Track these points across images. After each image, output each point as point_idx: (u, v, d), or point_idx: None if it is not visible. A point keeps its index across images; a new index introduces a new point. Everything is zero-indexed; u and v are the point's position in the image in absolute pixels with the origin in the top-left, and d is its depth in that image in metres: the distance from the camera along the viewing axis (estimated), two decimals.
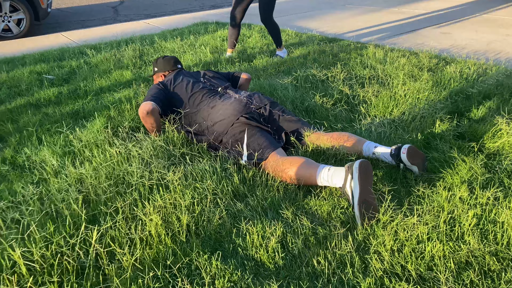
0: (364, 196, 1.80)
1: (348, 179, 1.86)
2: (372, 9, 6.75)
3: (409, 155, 2.08)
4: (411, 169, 2.14)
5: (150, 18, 6.81)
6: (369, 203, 1.79)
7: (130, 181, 2.02)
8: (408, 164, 2.10)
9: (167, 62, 2.96)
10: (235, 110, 2.38)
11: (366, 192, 1.81)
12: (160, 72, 2.95)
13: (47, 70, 3.97)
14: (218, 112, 2.43)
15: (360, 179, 1.82)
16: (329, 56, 4.03)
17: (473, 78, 3.28)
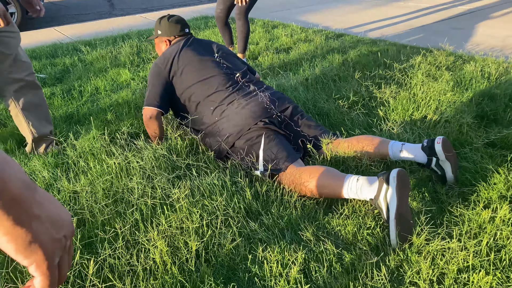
0: (401, 210, 1.58)
1: (383, 189, 1.62)
2: (377, 3, 6.52)
3: (444, 146, 1.86)
4: (444, 166, 1.89)
5: (147, 12, 6.56)
6: (406, 219, 1.58)
7: (130, 200, 1.80)
8: (442, 158, 1.86)
9: (173, 25, 2.48)
10: (255, 114, 2.09)
11: (404, 206, 1.59)
12: (164, 36, 2.50)
13: (39, 68, 3.73)
14: (236, 112, 2.12)
15: (398, 189, 1.59)
16: (339, 53, 3.81)
17: (496, 77, 3.08)
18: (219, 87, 2.21)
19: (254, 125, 2.06)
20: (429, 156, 1.90)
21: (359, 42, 4.18)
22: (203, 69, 2.27)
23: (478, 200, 1.87)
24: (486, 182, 1.96)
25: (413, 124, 2.49)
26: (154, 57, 3.89)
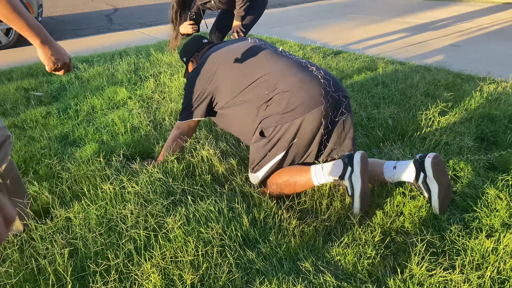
0: (364, 189, 1.81)
1: (348, 171, 1.82)
2: (375, 19, 6.54)
3: (434, 163, 1.77)
4: (430, 187, 1.81)
5: (145, 27, 6.56)
6: (367, 195, 1.82)
7: (124, 229, 1.76)
8: (429, 176, 1.78)
9: (190, 44, 2.42)
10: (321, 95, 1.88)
11: (365, 185, 1.81)
12: (189, 57, 2.42)
13: (35, 86, 3.70)
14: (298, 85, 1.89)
15: (361, 171, 1.79)
16: (337, 71, 3.79)
17: (495, 97, 3.06)
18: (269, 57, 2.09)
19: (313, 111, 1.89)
20: (417, 170, 1.83)
21: (357, 60, 4.17)
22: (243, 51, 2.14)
23: (480, 227, 1.83)
24: (487, 208, 1.92)
25: (412, 146, 2.46)
26: (152, 75, 3.87)
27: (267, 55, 2.07)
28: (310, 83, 1.91)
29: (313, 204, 1.99)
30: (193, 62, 2.39)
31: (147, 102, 3.25)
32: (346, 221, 1.88)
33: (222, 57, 2.12)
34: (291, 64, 2.01)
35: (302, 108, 1.87)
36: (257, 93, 1.97)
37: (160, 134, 2.68)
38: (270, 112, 1.93)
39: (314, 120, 1.88)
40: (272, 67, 1.99)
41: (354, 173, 1.81)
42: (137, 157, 2.39)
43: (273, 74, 1.96)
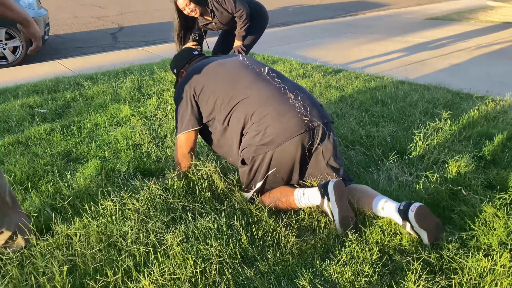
0: (343, 214, 1.87)
1: (325, 200, 1.91)
2: (376, 38, 6.63)
3: (417, 215, 1.76)
4: (419, 234, 1.82)
5: (150, 46, 6.67)
6: (347, 217, 1.88)
7: (123, 245, 1.77)
8: (415, 226, 1.78)
9: (180, 56, 2.50)
10: (296, 126, 1.94)
11: (344, 210, 1.87)
12: (179, 68, 2.47)
13: (40, 103, 3.76)
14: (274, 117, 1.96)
15: (337, 200, 1.87)
16: (337, 89, 3.84)
17: (493, 116, 3.09)
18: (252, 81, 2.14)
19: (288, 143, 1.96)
20: (403, 220, 1.82)
21: (357, 78, 4.22)
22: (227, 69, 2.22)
23: (477, 246, 1.84)
24: (485, 227, 1.93)
25: (411, 164, 2.48)
26: (155, 93, 3.92)
27: (250, 78, 2.12)
28: (286, 115, 1.96)
29: (312, 221, 2.01)
30: (183, 73, 2.45)
31: (149, 120, 3.30)
32: (344, 238, 1.89)
33: (210, 70, 2.20)
34: (270, 91, 2.05)
35: (276, 140, 1.95)
36: (237, 118, 2.06)
37: (162, 151, 2.72)
38: (248, 142, 2.02)
39: (288, 151, 1.96)
40: (252, 92, 2.05)
41: (331, 202, 1.90)
42: (138, 174, 2.42)
43: (252, 101, 2.03)
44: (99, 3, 11.62)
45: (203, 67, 2.23)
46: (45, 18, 6.08)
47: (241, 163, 2.09)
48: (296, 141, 1.94)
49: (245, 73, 2.15)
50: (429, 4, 11.36)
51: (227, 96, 2.08)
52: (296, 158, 1.99)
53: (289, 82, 2.16)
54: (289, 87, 2.11)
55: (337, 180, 1.91)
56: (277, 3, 11.51)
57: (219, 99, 2.10)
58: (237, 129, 2.07)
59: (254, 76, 2.13)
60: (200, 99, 2.16)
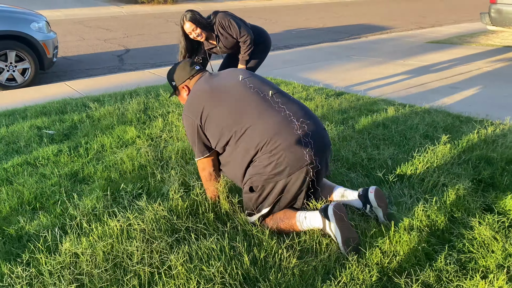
0: (345, 236, 1.96)
1: (327, 223, 2.02)
2: (378, 61, 6.74)
3: (376, 195, 2.16)
4: (376, 212, 2.19)
5: (156, 68, 6.80)
6: (351, 238, 1.97)
7: (129, 265, 1.82)
8: (374, 205, 2.17)
9: (182, 69, 2.45)
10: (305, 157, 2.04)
11: (346, 231, 1.97)
12: (180, 82, 2.45)
13: (48, 125, 3.85)
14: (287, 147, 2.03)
15: (338, 222, 1.97)
16: (339, 112, 3.92)
17: (492, 139, 3.14)
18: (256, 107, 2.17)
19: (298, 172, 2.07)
20: (364, 203, 2.20)
21: (359, 101, 4.30)
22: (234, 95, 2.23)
23: (476, 268, 1.87)
24: (484, 249, 1.97)
25: (411, 187, 2.53)
26: (160, 115, 4.01)
27: (256, 105, 2.14)
28: (296, 146, 2.03)
29: (313, 243, 2.05)
30: (184, 88, 2.43)
31: (155, 141, 3.37)
32: (344, 261, 1.93)
33: (214, 97, 2.21)
34: (278, 121, 2.08)
35: (288, 170, 2.04)
36: (245, 147, 2.10)
37: (167, 172, 2.78)
38: (258, 170, 2.09)
39: (298, 180, 2.08)
40: (260, 123, 2.08)
41: (332, 225, 2.01)
42: (143, 195, 2.47)
43: (262, 131, 2.06)
44: (106, 26, 11.88)
45: (206, 93, 2.25)
46: (54, 41, 6.24)
47: (249, 190, 2.15)
48: (305, 171, 2.05)
49: (250, 100, 2.16)
50: (431, 27, 11.53)
51: (234, 125, 2.12)
52: (304, 186, 2.10)
53: (294, 105, 2.20)
54: (295, 112, 2.15)
55: (336, 203, 2.02)
56: (280, 27, 11.73)
57: (225, 128, 2.14)
58: (246, 158, 2.12)
59: (259, 102, 2.15)
60: (206, 128, 2.20)
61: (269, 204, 2.14)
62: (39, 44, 5.85)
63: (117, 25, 12.06)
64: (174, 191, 2.37)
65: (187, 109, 2.26)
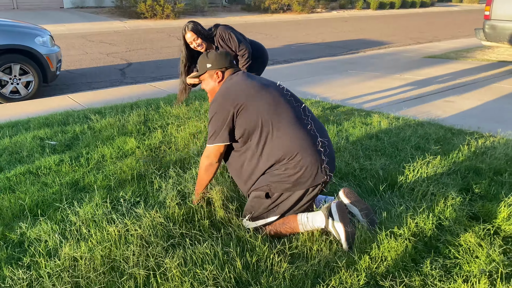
0: (347, 232, 2.09)
1: (330, 221, 2.13)
2: (375, 75, 6.86)
3: (345, 193, 2.30)
4: (352, 210, 2.27)
5: (157, 81, 6.93)
6: (351, 234, 2.10)
7: (125, 268, 1.90)
8: (347, 202, 2.27)
9: (223, 56, 2.43)
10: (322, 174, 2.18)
11: (348, 227, 2.09)
12: (216, 67, 2.41)
13: (50, 135, 3.95)
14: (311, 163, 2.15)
15: (341, 219, 2.10)
16: (334, 124, 4.01)
17: (482, 151, 3.22)
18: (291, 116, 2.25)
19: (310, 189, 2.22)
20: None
21: (354, 114, 4.39)
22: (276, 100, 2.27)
23: (460, 273, 1.94)
24: (468, 255, 2.04)
25: (401, 196, 2.60)
26: (160, 126, 4.11)
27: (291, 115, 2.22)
28: (318, 162, 2.17)
29: (304, 249, 2.12)
30: (218, 75, 2.41)
31: (154, 152, 3.46)
32: (334, 265, 2.00)
33: (253, 90, 2.25)
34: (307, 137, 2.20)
35: (308, 183, 2.18)
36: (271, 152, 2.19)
37: (164, 181, 2.86)
38: (280, 178, 2.18)
39: (313, 193, 2.23)
40: (292, 132, 2.18)
41: (335, 222, 2.13)
42: (141, 202, 2.55)
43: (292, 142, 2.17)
44: (109, 40, 12.09)
45: (246, 86, 2.28)
46: (58, 54, 6.38)
47: (265, 196, 2.23)
48: (321, 185, 2.23)
49: (287, 106, 2.24)
50: (428, 43, 11.70)
51: (266, 125, 2.18)
52: (314, 198, 2.27)
53: (317, 122, 2.33)
54: (319, 129, 2.29)
55: (338, 201, 2.17)
56: (280, 42, 11.92)
57: (258, 126, 2.19)
58: (267, 163, 2.20)
59: (294, 110, 2.25)
60: (240, 119, 2.20)
61: (280, 213, 2.23)
62: (43, 57, 5.99)
63: (120, 40, 12.27)
64: (171, 198, 2.45)
65: (222, 96, 2.26)
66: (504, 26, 6.67)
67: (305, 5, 22.39)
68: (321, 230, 2.19)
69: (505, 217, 2.33)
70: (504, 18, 6.63)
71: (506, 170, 2.89)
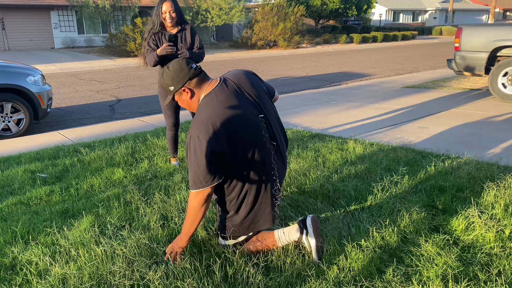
0: (318, 244, 2.28)
1: (304, 233, 2.31)
2: (354, 105, 7.18)
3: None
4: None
5: (145, 116, 7.17)
6: (321, 247, 2.30)
7: (111, 281, 2.05)
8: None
9: (177, 69, 2.16)
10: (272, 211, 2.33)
11: (319, 240, 2.29)
12: (181, 84, 2.16)
13: (41, 169, 4.12)
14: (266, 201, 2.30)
15: (314, 232, 2.29)
16: (312, 151, 4.24)
17: (447, 171, 3.46)
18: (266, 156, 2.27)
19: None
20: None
21: (331, 141, 4.64)
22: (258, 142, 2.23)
23: (420, 278, 2.12)
24: (428, 263, 2.23)
25: (370, 213, 2.80)
26: (147, 157, 4.30)
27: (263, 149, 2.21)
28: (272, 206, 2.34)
29: (278, 262, 2.30)
30: (186, 91, 2.19)
31: (140, 180, 3.64)
32: (304, 274, 2.17)
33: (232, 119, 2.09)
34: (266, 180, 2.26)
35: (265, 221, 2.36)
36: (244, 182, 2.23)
37: (149, 206, 3.03)
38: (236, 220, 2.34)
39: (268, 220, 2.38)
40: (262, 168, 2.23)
41: (309, 234, 2.30)
42: (126, 226, 2.72)
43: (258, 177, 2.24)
44: (99, 78, 12.41)
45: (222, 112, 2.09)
46: (49, 93, 6.62)
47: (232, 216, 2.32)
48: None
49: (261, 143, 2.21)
50: (408, 73, 12.20)
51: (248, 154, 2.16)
52: None
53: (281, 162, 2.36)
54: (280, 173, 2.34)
55: (313, 216, 2.36)
56: (266, 76, 12.34)
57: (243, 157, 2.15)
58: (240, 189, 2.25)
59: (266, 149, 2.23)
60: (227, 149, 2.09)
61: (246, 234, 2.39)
62: (34, 96, 6.21)
63: (109, 77, 12.60)
64: (154, 221, 2.62)
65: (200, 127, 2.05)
66: (473, 56, 7.09)
67: (291, 41, 23.18)
68: (294, 242, 2.37)
69: (463, 228, 2.53)
70: (472, 49, 7.06)
71: (467, 187, 3.12)
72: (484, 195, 2.97)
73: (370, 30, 32.74)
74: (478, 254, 2.30)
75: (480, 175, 3.33)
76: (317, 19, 31.64)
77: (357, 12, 30.80)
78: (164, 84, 2.23)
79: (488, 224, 2.55)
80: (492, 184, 3.12)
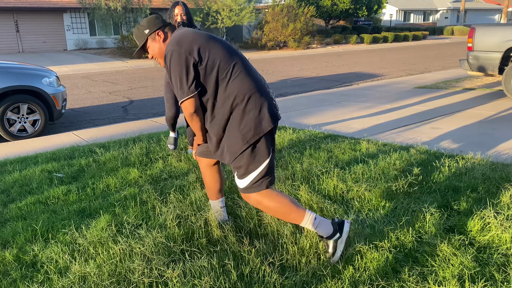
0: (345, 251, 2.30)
1: (337, 236, 2.28)
2: (366, 106, 7.17)
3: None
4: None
5: (158, 117, 7.24)
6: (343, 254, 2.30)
7: (131, 279, 2.09)
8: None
9: (154, 18, 2.37)
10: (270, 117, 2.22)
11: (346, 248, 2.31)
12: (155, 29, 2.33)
13: (57, 169, 4.19)
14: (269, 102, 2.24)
15: (347, 239, 2.31)
16: (325, 151, 4.25)
17: (461, 172, 3.45)
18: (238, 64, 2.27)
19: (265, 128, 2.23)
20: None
21: (344, 142, 4.65)
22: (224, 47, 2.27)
23: (435, 278, 2.13)
24: (444, 263, 2.23)
25: (384, 214, 2.81)
26: (161, 157, 4.35)
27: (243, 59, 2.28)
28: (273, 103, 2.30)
29: (293, 262, 2.32)
30: (159, 34, 2.34)
31: (155, 180, 3.69)
32: (320, 273, 2.19)
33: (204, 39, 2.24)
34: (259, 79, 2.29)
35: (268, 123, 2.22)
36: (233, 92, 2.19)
37: (165, 205, 3.07)
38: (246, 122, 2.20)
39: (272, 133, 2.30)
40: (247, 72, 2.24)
41: (341, 240, 2.31)
42: (143, 225, 2.76)
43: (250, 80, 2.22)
44: (112, 80, 12.55)
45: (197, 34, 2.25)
46: (63, 94, 6.72)
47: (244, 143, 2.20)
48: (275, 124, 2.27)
49: (237, 53, 2.28)
50: (419, 74, 12.13)
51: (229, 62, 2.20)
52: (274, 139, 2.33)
53: None
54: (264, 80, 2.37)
55: (350, 222, 2.35)
56: (277, 77, 12.37)
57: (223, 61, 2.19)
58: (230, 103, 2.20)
59: (245, 60, 2.30)
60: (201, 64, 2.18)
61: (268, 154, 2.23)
62: (50, 97, 6.31)
63: (122, 79, 12.73)
64: (171, 220, 2.66)
65: (175, 44, 2.19)
66: (486, 56, 7.03)
67: (301, 42, 23.17)
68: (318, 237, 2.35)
69: (479, 229, 2.53)
70: (485, 49, 7.00)
71: (482, 187, 3.11)
72: (500, 196, 2.96)
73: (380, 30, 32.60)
74: (495, 255, 2.29)
75: (495, 175, 3.32)
76: (327, 19, 31.60)
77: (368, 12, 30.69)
78: (140, 29, 2.36)
79: (504, 225, 2.55)
80: (508, 185, 3.11)
